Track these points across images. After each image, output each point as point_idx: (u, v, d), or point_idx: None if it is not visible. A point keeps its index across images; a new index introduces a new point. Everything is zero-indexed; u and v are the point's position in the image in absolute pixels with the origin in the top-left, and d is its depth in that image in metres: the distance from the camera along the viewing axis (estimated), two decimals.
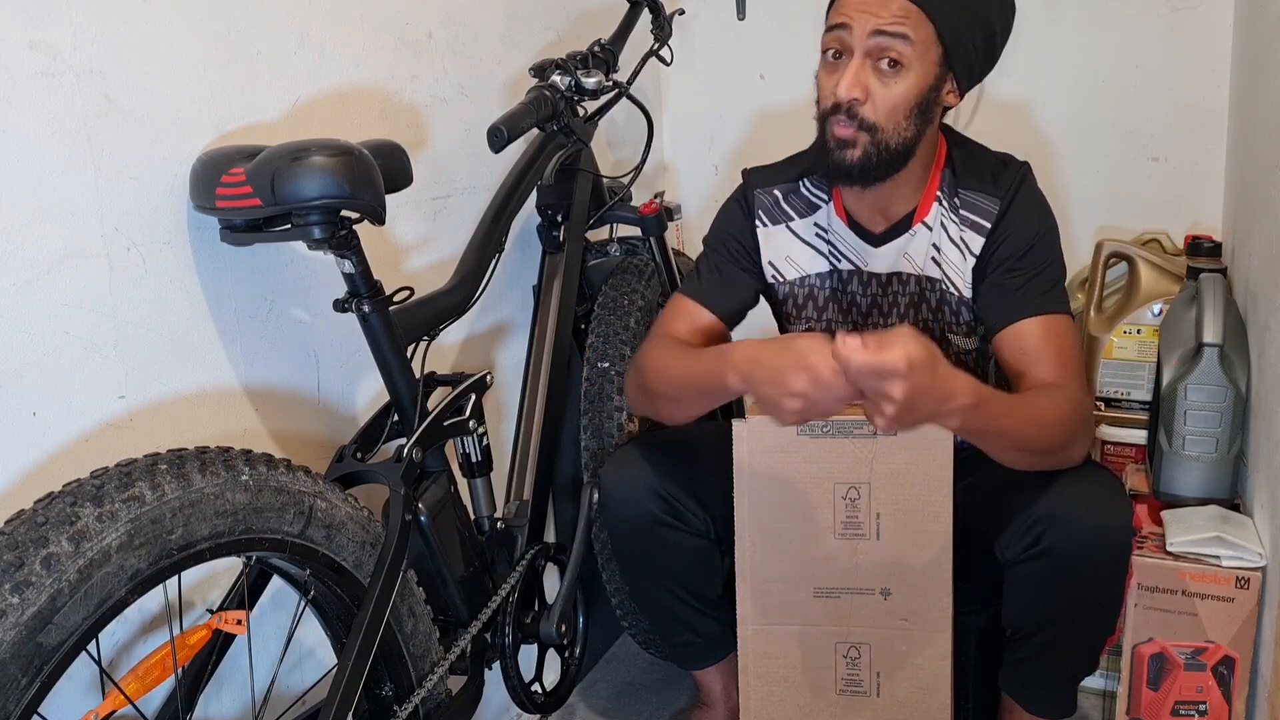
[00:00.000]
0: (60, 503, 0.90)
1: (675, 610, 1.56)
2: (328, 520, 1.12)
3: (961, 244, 1.44)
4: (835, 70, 1.36)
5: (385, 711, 1.24)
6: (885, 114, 1.33)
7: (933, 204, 1.46)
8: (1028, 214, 1.42)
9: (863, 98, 1.33)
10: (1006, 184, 1.43)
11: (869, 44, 1.32)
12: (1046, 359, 1.37)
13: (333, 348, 1.40)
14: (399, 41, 1.51)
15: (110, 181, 1.10)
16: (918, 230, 1.46)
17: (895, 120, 1.34)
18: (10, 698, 0.84)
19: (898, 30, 1.31)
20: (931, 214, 1.46)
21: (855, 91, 1.33)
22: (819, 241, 1.53)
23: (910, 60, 1.32)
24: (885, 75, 1.33)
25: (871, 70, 1.33)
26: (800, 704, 1.47)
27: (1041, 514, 1.31)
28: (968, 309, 1.47)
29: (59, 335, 1.06)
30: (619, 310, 1.73)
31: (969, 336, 1.50)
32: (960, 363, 1.51)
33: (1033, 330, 1.38)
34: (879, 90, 1.33)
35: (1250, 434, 1.54)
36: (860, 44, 1.32)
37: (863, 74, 1.33)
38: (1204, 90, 1.93)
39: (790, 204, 1.54)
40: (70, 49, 1.05)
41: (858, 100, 1.33)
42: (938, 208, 1.46)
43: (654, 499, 1.46)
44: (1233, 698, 1.45)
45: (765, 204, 1.54)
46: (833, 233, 1.52)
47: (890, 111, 1.33)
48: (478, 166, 1.67)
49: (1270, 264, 1.45)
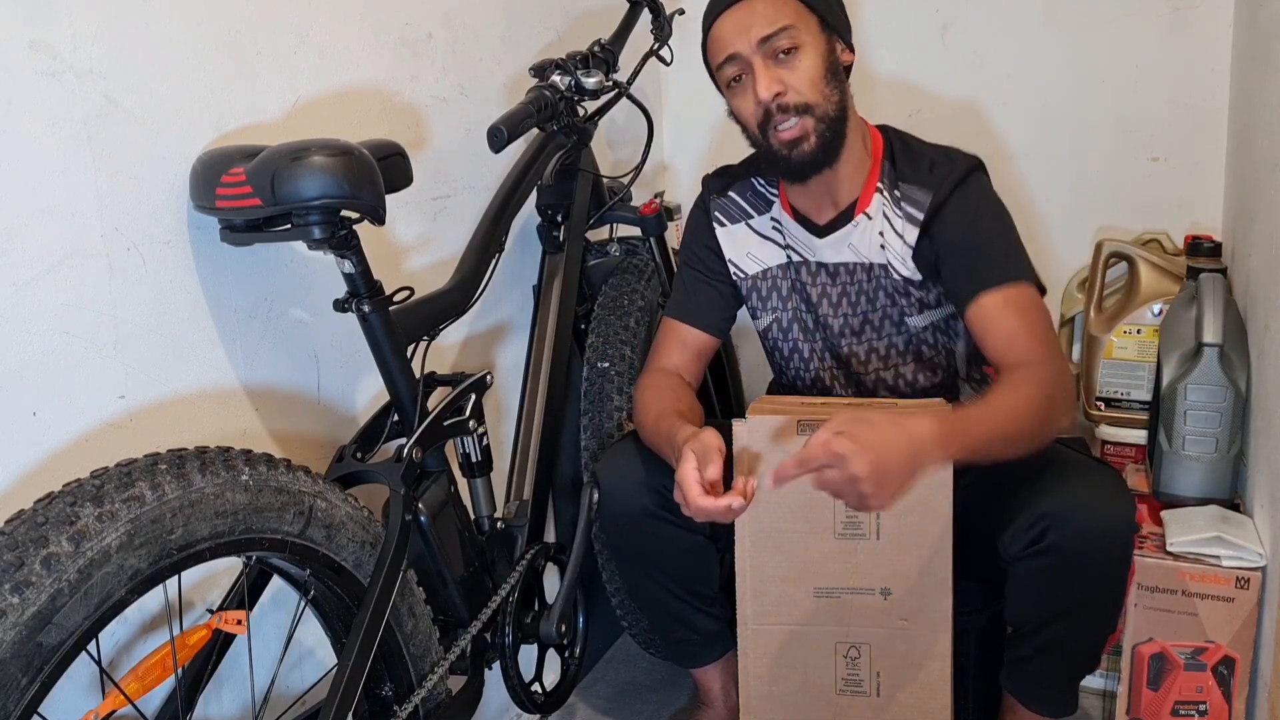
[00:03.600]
0: (60, 503, 0.90)
1: (671, 606, 1.56)
2: (328, 520, 1.12)
3: (901, 233, 1.49)
4: (745, 90, 1.44)
5: (385, 711, 1.24)
6: (808, 89, 1.41)
7: (874, 194, 1.50)
8: (961, 204, 1.46)
9: (782, 88, 1.40)
10: (941, 177, 1.47)
11: (761, 51, 1.40)
12: (1010, 330, 1.39)
13: (333, 348, 1.40)
14: (399, 41, 1.51)
15: (110, 181, 1.10)
16: (860, 220, 1.51)
17: (819, 90, 1.42)
18: (10, 698, 0.84)
19: (778, 26, 1.39)
20: (873, 205, 1.50)
21: (775, 88, 1.40)
22: (775, 235, 1.58)
23: (799, 39, 1.41)
24: (787, 63, 1.41)
25: (775, 65, 1.41)
26: (800, 704, 1.46)
27: (1045, 511, 1.31)
28: (915, 287, 1.51)
29: (59, 335, 1.06)
30: (619, 310, 1.73)
31: (924, 312, 1.53)
32: (920, 342, 1.53)
33: (992, 303, 1.41)
34: (790, 76, 1.41)
35: (1250, 434, 1.54)
36: (753, 56, 1.41)
37: (770, 72, 1.41)
38: (1204, 90, 1.93)
39: (748, 201, 1.61)
40: (70, 49, 1.05)
41: (781, 93, 1.40)
42: (879, 198, 1.50)
43: (648, 493, 1.47)
44: (1233, 698, 1.45)
45: (723, 205, 1.62)
46: (783, 226, 1.57)
47: (810, 85, 1.41)
48: (478, 166, 1.67)
49: (1270, 264, 1.45)
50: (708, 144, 2.37)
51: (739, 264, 1.61)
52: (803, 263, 1.57)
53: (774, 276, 1.59)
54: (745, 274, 1.61)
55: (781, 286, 1.59)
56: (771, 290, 1.60)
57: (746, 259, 1.60)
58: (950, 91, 2.12)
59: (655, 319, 1.82)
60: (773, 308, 1.60)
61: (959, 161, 1.48)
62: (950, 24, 2.10)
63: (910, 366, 1.56)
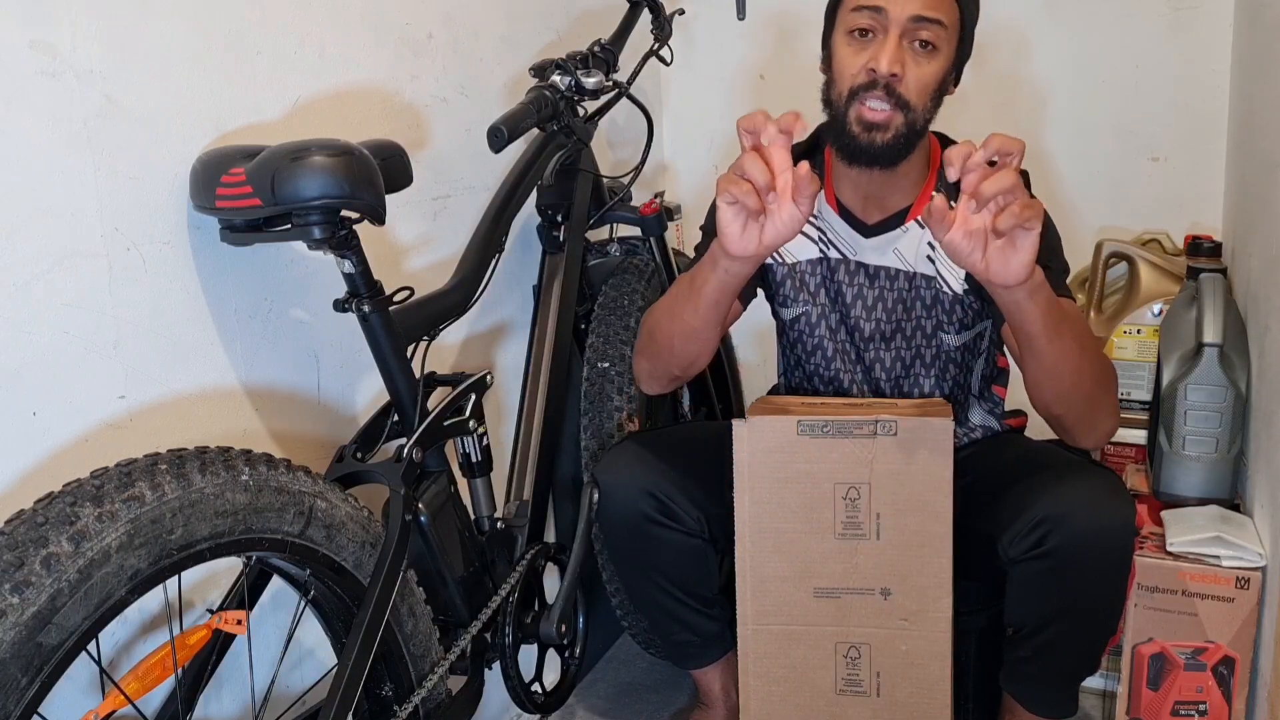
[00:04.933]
0: (60, 503, 0.90)
1: (670, 609, 1.56)
2: (328, 520, 1.12)
3: None
4: (865, 47, 1.36)
5: (385, 711, 1.24)
6: (917, 93, 1.35)
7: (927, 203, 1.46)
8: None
9: (901, 72, 1.34)
10: None
11: (907, 27, 1.33)
12: None
13: (333, 348, 1.40)
14: (399, 41, 1.51)
15: (110, 181, 1.10)
16: (909, 227, 1.48)
17: (924, 100, 1.36)
18: (10, 698, 0.84)
19: (936, 16, 1.33)
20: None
21: (897, 67, 1.33)
22: (809, 228, 1.53)
23: (941, 43, 1.35)
24: (919, 55, 1.35)
25: (908, 50, 1.34)
26: (800, 704, 1.46)
27: (1045, 514, 1.31)
28: (962, 307, 1.48)
29: (59, 335, 1.05)
30: (619, 310, 1.73)
31: (960, 334, 1.51)
32: (948, 359, 1.51)
33: None
34: (913, 69, 1.35)
35: (1250, 434, 1.54)
36: (897, 25, 1.33)
37: (901, 52, 1.34)
38: (1204, 90, 1.93)
39: None
40: (70, 49, 1.05)
41: (897, 76, 1.34)
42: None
43: (644, 498, 1.46)
44: (1233, 698, 1.45)
45: None
46: (824, 220, 1.53)
47: (921, 91, 1.35)
48: (478, 166, 1.67)
49: (1270, 264, 1.45)
50: (708, 144, 2.37)
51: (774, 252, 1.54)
52: (841, 260, 1.52)
53: (803, 270, 1.54)
54: (781, 260, 1.55)
55: (810, 282, 1.55)
56: (801, 285, 1.55)
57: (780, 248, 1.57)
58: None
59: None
60: (803, 300, 1.55)
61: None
62: None
63: (931, 379, 1.54)
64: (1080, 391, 1.32)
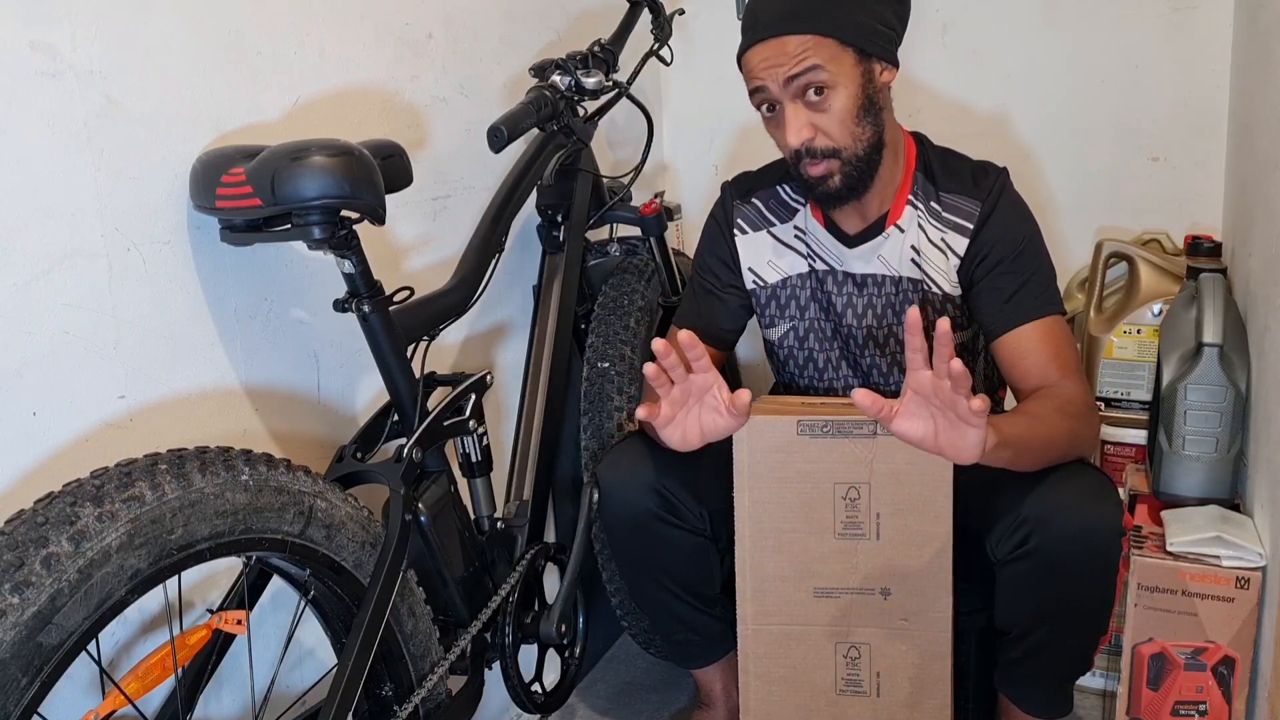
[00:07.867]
0: (60, 503, 0.90)
1: (672, 607, 1.56)
2: (328, 520, 1.12)
3: (944, 245, 1.48)
4: (779, 124, 1.42)
5: (385, 711, 1.24)
6: (838, 133, 1.39)
7: (905, 207, 1.49)
8: (1011, 217, 1.46)
9: (812, 134, 1.39)
10: (987, 187, 1.47)
11: (789, 90, 1.37)
12: (1046, 360, 1.41)
13: (333, 348, 1.40)
14: (399, 41, 1.51)
15: (110, 181, 1.10)
16: (890, 233, 1.50)
17: (849, 131, 1.39)
18: (10, 698, 0.84)
19: (805, 67, 1.35)
20: (905, 217, 1.49)
21: (804, 134, 1.38)
22: (798, 243, 1.57)
23: (831, 79, 1.37)
24: (818, 103, 1.38)
25: (805, 107, 1.38)
26: (800, 704, 1.46)
27: (1028, 515, 1.31)
28: (953, 306, 1.50)
29: (59, 335, 1.06)
30: (619, 310, 1.73)
31: (955, 333, 1.51)
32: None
33: (1032, 335, 1.42)
34: (821, 119, 1.38)
35: (1250, 434, 1.54)
36: (782, 94, 1.38)
37: (799, 116, 1.38)
38: (1204, 90, 1.93)
39: (771, 209, 1.59)
40: (70, 49, 1.05)
41: (810, 139, 1.39)
42: (911, 211, 1.49)
43: (650, 495, 1.47)
44: (1233, 698, 1.45)
45: (745, 213, 1.60)
46: (810, 234, 1.56)
47: (840, 129, 1.39)
48: (478, 166, 1.67)
49: (1270, 264, 1.45)
50: (708, 144, 2.37)
51: (759, 272, 1.59)
52: (829, 271, 1.55)
53: (794, 285, 1.58)
54: (765, 282, 1.59)
55: (800, 295, 1.58)
56: (790, 299, 1.58)
57: (767, 267, 1.59)
58: (950, 91, 2.12)
59: (655, 319, 1.82)
60: (790, 316, 1.58)
61: (994, 171, 1.49)
62: (950, 24, 2.10)
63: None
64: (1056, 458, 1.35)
